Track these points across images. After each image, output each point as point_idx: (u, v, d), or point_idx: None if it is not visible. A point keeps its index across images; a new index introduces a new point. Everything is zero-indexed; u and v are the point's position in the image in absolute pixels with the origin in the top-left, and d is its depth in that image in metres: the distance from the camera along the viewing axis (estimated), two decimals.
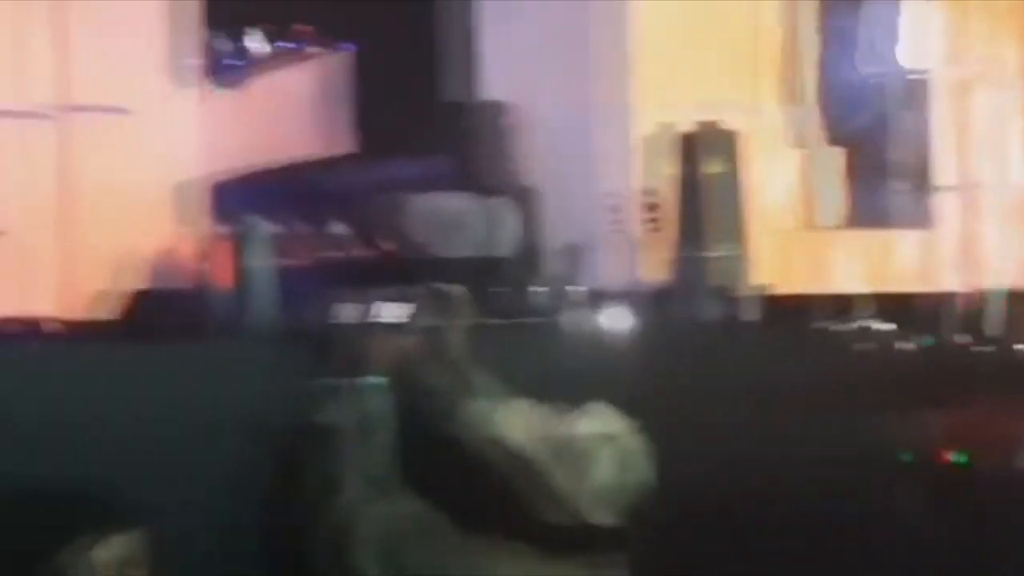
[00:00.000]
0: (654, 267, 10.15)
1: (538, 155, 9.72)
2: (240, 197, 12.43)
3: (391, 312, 2.92)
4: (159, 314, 8.34)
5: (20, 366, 5.12)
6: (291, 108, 13.19)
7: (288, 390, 4.49)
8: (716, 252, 7.68)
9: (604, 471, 2.41)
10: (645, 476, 2.52)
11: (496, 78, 10.60)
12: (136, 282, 12.29)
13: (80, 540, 1.85)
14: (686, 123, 8.93)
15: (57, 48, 13.36)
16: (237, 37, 14.17)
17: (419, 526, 2.58)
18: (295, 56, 13.75)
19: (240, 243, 7.14)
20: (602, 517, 2.47)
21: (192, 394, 4.56)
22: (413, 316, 2.91)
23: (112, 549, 1.89)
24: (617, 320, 5.32)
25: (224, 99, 14.30)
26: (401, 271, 5.60)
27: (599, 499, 2.43)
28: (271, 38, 14.06)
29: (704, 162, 8.04)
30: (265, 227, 7.22)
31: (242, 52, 14.18)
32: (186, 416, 4.50)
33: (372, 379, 2.83)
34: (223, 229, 11.18)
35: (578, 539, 2.48)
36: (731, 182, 8.32)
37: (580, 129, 9.76)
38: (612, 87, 10.11)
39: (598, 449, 2.44)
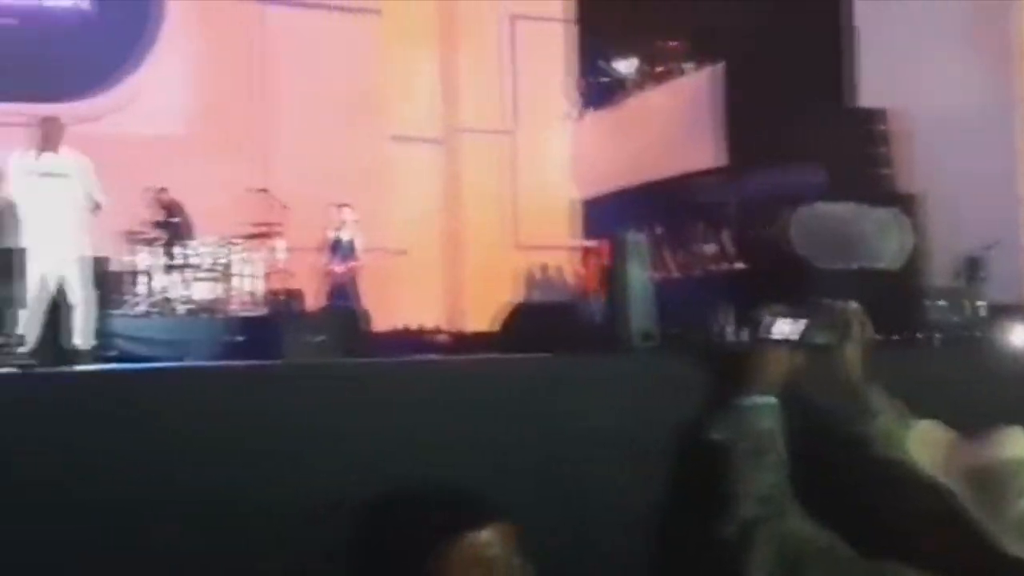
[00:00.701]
0: None
1: (925, 161, 9.24)
2: (616, 212, 12.70)
3: (781, 328, 2.84)
4: (539, 326, 8.63)
5: (417, 376, 5.43)
6: (663, 124, 13.30)
7: (672, 405, 4.49)
8: None
9: None
10: None
11: (876, 82, 10.19)
12: (518, 295, 12.86)
13: (466, 534, 1.96)
14: None
15: (446, 76, 14.28)
16: (610, 59, 14.51)
17: (814, 548, 2.50)
18: (666, 73, 13.87)
19: (618, 256, 7.24)
20: (1019, 549, 2.28)
21: (570, 406, 4.65)
22: (805, 332, 2.81)
23: (497, 543, 1.98)
24: (1021, 335, 4.90)
25: (599, 118, 14.70)
26: (784, 285, 5.45)
27: (1019, 530, 2.24)
28: (643, 58, 14.27)
29: None
30: (642, 240, 7.28)
31: (615, 73, 14.51)
32: (564, 428, 4.59)
33: (762, 398, 2.77)
34: (600, 243, 11.45)
35: (989, 571, 2.31)
36: None
37: (970, 132, 9.17)
38: (1002, 86, 9.44)
39: (1020, 476, 2.25)
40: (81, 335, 7.38)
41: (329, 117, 13.05)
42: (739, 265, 9.87)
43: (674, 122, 13.17)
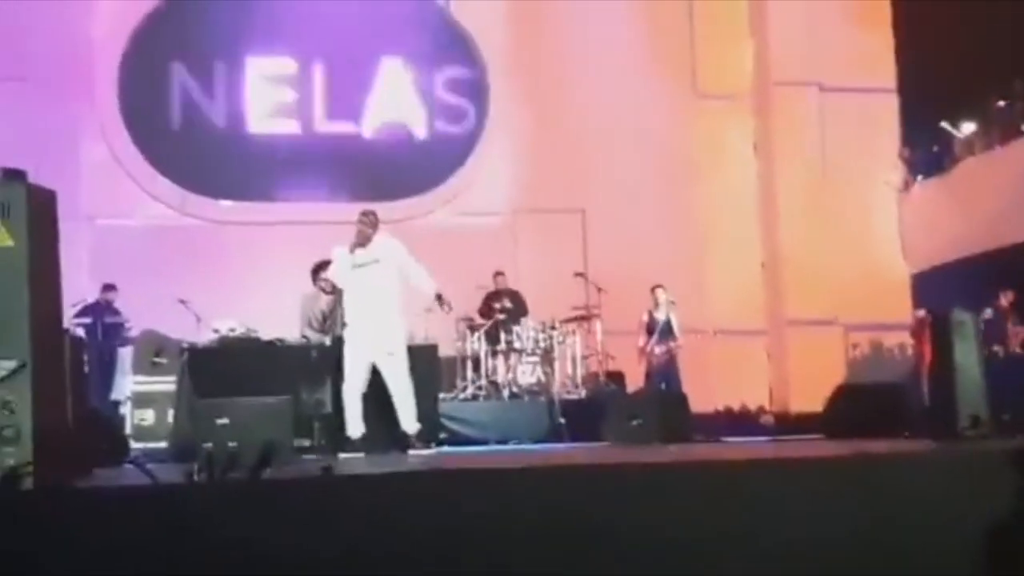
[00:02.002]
0: None
1: None
2: (951, 285, 11.97)
3: None
4: (864, 408, 8.25)
5: (720, 472, 5.31)
6: (1003, 188, 12.48)
7: (992, 502, 4.15)
8: None
9: None
10: None
11: None
12: (844, 375, 12.31)
13: None
14: None
15: (761, 147, 14.05)
16: (940, 125, 13.81)
17: None
18: (1003, 136, 13.02)
19: (941, 335, 6.83)
20: None
21: (887, 498, 4.40)
22: None
23: None
24: None
25: (928, 187, 13.95)
26: None
27: None
28: (978, 121, 13.49)
29: None
30: (969, 318, 6.84)
31: (948, 138, 13.78)
32: (879, 524, 4.35)
33: None
34: (930, 320, 10.79)
35: None
36: None
37: None
38: None
39: None
40: (406, 420, 7.56)
41: (644, 196, 13.18)
42: None
43: (1015, 186, 12.32)
